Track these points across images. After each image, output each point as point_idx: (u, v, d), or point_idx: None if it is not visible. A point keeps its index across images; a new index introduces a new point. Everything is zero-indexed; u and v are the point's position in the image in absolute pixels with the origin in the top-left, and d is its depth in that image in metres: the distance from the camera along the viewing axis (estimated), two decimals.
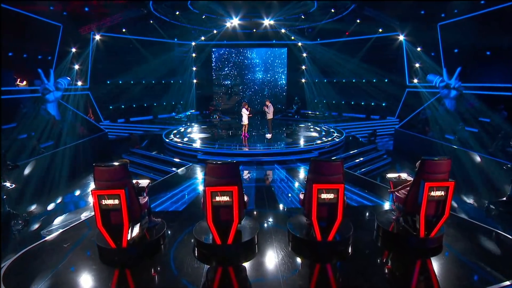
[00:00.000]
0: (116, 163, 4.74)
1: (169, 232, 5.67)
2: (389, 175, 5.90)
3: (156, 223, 5.60)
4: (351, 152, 12.22)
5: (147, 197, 5.33)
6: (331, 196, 4.73)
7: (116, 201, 4.53)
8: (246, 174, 9.94)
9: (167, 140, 12.94)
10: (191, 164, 10.77)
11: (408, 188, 5.21)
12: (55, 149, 11.09)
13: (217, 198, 4.66)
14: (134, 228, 5.12)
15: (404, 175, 5.89)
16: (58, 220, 7.22)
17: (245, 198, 5.22)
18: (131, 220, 4.77)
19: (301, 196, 5.33)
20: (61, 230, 5.83)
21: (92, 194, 4.49)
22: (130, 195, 4.73)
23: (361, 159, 11.80)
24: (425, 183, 4.69)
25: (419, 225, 4.94)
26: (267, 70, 22.59)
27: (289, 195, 7.94)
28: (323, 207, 4.82)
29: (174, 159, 10.93)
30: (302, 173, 9.88)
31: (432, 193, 4.71)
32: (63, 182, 9.65)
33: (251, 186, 8.74)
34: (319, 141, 12.73)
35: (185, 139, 13.26)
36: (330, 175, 4.79)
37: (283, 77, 22.62)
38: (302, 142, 12.93)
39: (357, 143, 13.92)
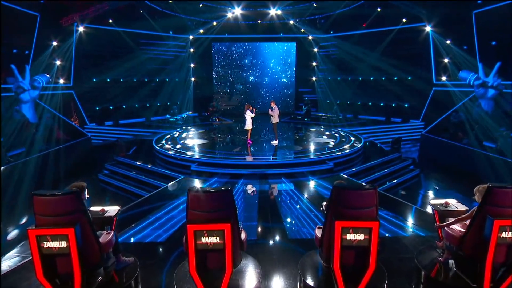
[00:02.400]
0: (67, 189, 3.74)
1: (144, 274, 4.65)
2: (433, 202, 4.81)
3: (126, 263, 4.57)
4: (373, 162, 11.15)
5: (112, 232, 4.30)
6: (360, 237, 3.65)
7: (64, 244, 3.51)
8: (249, 189, 9.01)
9: (157, 147, 12.02)
10: (183, 177, 9.82)
11: (465, 223, 4.12)
12: (26, 157, 10.19)
13: (203, 240, 3.62)
14: (94, 275, 4.08)
15: (452, 202, 4.79)
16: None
17: (243, 236, 4.17)
18: (86, 267, 3.74)
19: (318, 233, 4.26)
20: None
21: (28, 234, 3.47)
22: (84, 234, 3.71)
23: (385, 171, 10.72)
24: (493, 221, 3.59)
25: (482, 275, 3.83)
26: (273, 67, 22.16)
27: (300, 219, 6.88)
28: (349, 251, 3.74)
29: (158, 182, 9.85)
30: (313, 187, 8.96)
31: (504, 234, 3.61)
32: (22, 201, 8.38)
33: (253, 205, 7.72)
34: (334, 149, 11.71)
35: (178, 146, 12.35)
36: (360, 208, 3.71)
37: (292, 74, 22.13)
38: (313, 149, 12.01)
39: (378, 151, 12.95)
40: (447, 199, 4.84)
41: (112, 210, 4.67)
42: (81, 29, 15.72)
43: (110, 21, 16.55)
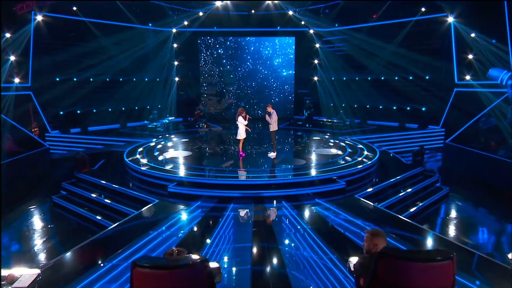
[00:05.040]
0: None
1: None
2: None
3: None
4: (393, 179, 9.89)
5: None
6: None
7: None
8: (241, 218, 7.88)
9: (127, 161, 10.80)
10: (157, 201, 8.43)
11: None
12: None
13: None
14: None
15: None
16: None
17: None
18: None
19: None
20: None
21: None
22: None
23: (409, 190, 9.48)
24: None
25: None
26: (269, 65, 21.75)
27: (312, 263, 5.52)
28: None
29: (127, 208, 8.51)
30: (323, 215, 7.66)
31: None
32: None
33: (245, 241, 6.45)
34: (344, 163, 10.57)
35: (155, 160, 11.12)
36: None
37: (290, 74, 21.76)
38: (319, 163, 10.82)
39: (397, 165, 11.84)
40: None
41: (26, 276, 3.28)
42: (39, 18, 14.70)
43: (75, 8, 15.76)
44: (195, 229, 7.03)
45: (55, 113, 16.54)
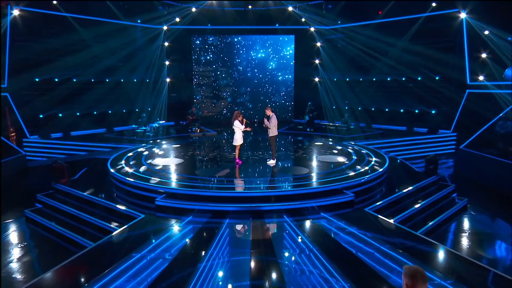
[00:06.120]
0: None
1: None
2: None
3: None
4: (406, 191, 9.42)
5: None
6: None
7: None
8: (237, 234, 7.37)
9: (112, 171, 10.26)
10: (142, 216, 7.91)
11: None
12: None
13: None
14: None
15: None
16: None
17: None
18: None
19: None
20: None
21: None
22: None
23: (423, 202, 9.01)
24: None
25: None
26: (267, 65, 21.79)
27: None
28: None
29: (111, 224, 7.93)
30: (331, 233, 7.11)
31: None
32: None
33: (242, 265, 5.83)
34: (352, 171, 10.05)
35: (142, 168, 10.61)
36: None
37: (290, 74, 21.86)
38: (323, 172, 10.27)
39: (408, 173, 11.37)
40: None
41: None
42: (16, 12, 14.53)
43: (55, 2, 15.61)
44: (184, 250, 6.42)
45: (34, 116, 16.26)
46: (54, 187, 10.04)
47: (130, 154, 12.52)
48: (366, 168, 10.36)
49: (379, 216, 7.84)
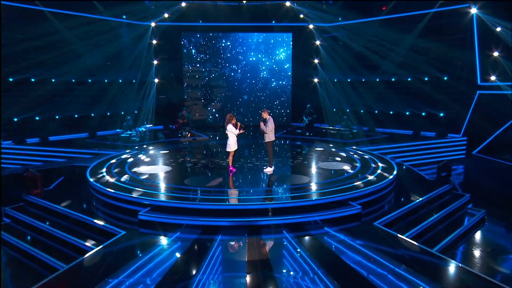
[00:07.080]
0: None
1: None
2: None
3: None
4: (417, 201, 9.03)
5: None
6: None
7: None
8: (232, 251, 6.90)
9: (91, 180, 9.79)
10: (123, 233, 7.35)
11: None
12: None
13: None
14: None
15: None
16: None
17: None
18: None
19: None
20: None
21: None
22: None
23: (436, 215, 8.55)
24: None
25: None
26: (263, 65, 21.73)
27: None
28: None
29: (86, 243, 7.39)
30: (338, 252, 6.57)
31: None
32: None
33: None
34: (357, 181, 9.62)
35: (124, 178, 10.11)
36: None
37: (287, 74, 21.86)
38: (326, 181, 9.86)
39: (419, 182, 11.00)
40: None
41: None
42: None
43: None
44: (170, 274, 5.84)
45: (7, 120, 16.05)
46: (25, 199, 9.53)
47: (113, 161, 12.18)
48: (373, 176, 9.95)
49: (390, 231, 7.35)
